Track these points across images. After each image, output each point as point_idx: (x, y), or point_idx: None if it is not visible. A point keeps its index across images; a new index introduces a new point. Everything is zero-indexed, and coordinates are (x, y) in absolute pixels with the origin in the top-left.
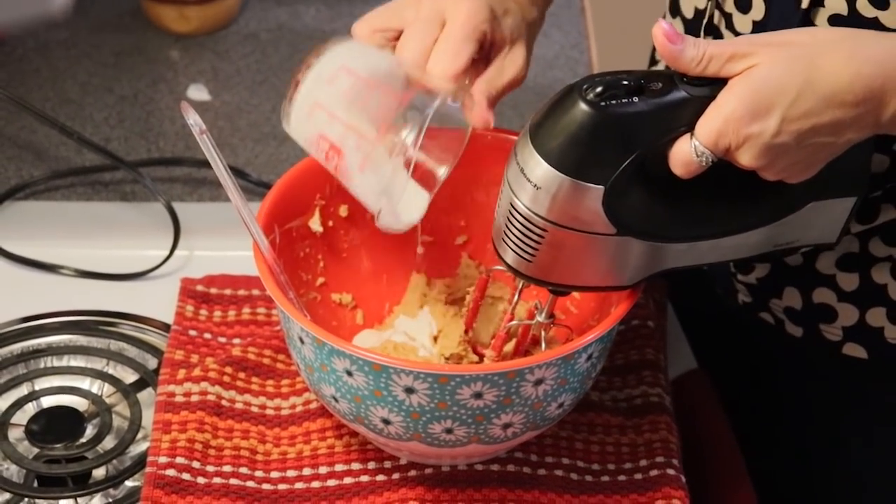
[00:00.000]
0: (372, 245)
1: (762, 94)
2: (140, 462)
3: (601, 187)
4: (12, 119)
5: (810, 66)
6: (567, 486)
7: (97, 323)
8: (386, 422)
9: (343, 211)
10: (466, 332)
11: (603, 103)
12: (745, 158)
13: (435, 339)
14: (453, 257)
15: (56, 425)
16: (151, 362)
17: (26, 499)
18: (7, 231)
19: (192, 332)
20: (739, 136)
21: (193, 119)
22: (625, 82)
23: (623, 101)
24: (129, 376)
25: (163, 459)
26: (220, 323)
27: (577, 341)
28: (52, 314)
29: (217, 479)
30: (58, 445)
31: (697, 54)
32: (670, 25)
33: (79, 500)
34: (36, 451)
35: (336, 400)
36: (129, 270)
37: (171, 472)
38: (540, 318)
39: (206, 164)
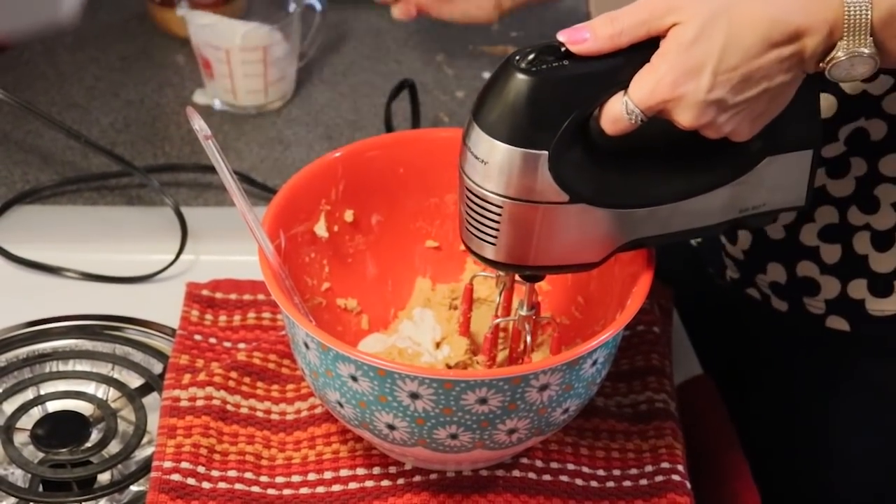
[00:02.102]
0: (377, 250)
1: (690, 53)
2: (145, 467)
3: (544, 152)
4: (19, 123)
5: (730, 20)
6: (572, 492)
7: (103, 327)
8: (391, 427)
9: (348, 216)
10: (464, 335)
11: (534, 69)
12: (684, 118)
13: (438, 344)
14: (458, 262)
15: (61, 430)
16: (157, 367)
17: (31, 503)
18: (14, 235)
19: (198, 337)
20: (674, 95)
21: (199, 124)
22: (556, 47)
23: (554, 65)
24: (135, 381)
25: (168, 464)
26: (225, 327)
27: (582, 346)
28: (58, 318)
29: (222, 484)
30: (63, 450)
31: (614, 31)
32: (568, 30)
33: None
34: (41, 455)
35: (341, 405)
36: (134, 274)
37: (175, 477)
38: (522, 311)
39: (211, 168)
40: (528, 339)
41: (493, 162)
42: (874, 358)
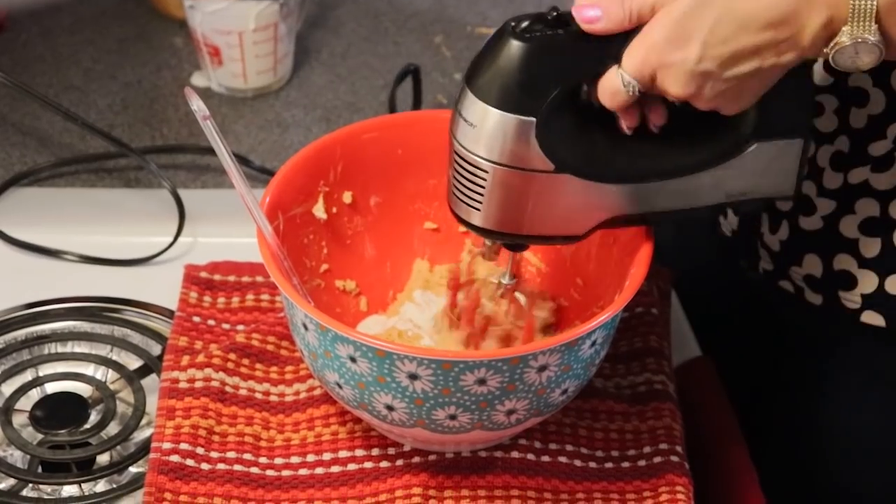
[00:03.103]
0: (375, 232)
1: (682, 23)
2: (144, 448)
3: (533, 119)
4: (16, 106)
5: None
6: (571, 472)
7: (101, 309)
8: (390, 408)
9: (347, 198)
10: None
11: (528, 35)
12: (673, 87)
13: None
14: (456, 244)
15: (60, 411)
16: (155, 349)
17: (30, 484)
18: (11, 217)
19: (196, 319)
20: (663, 63)
21: (197, 104)
22: (550, 16)
23: (548, 33)
24: (133, 362)
25: (167, 445)
26: (223, 309)
27: (580, 327)
28: (57, 300)
29: (221, 466)
30: (62, 431)
31: (625, 14)
32: (581, 7)
33: (83, 485)
34: (40, 436)
35: (340, 386)
36: (133, 256)
37: (174, 458)
38: (504, 280)
39: (210, 150)
40: (508, 305)
41: (483, 126)
42: None
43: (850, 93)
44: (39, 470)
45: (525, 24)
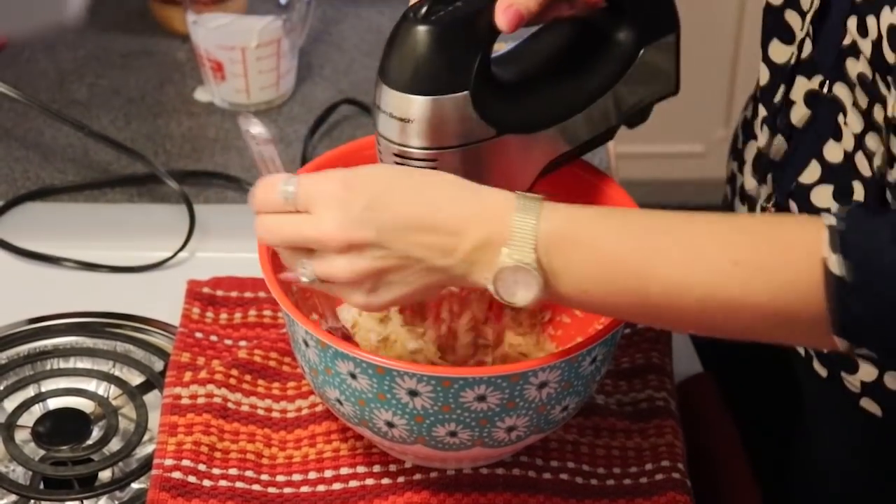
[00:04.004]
0: None
1: None
2: (146, 464)
3: (466, 93)
4: (20, 121)
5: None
6: (572, 490)
7: (103, 325)
8: (390, 425)
9: None
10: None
11: (433, 17)
12: None
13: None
14: None
15: (62, 427)
16: (158, 364)
17: (32, 500)
18: (17, 229)
19: (199, 335)
20: None
21: (257, 129)
22: None
23: (449, 9)
24: (136, 378)
25: (169, 462)
26: (226, 325)
27: (581, 344)
28: (59, 315)
29: (223, 482)
30: (64, 447)
31: None
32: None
33: (85, 502)
34: (42, 452)
35: (340, 403)
36: (137, 270)
37: (176, 475)
38: None
39: (214, 168)
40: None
41: (419, 118)
42: None
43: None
44: (41, 486)
45: (424, 8)
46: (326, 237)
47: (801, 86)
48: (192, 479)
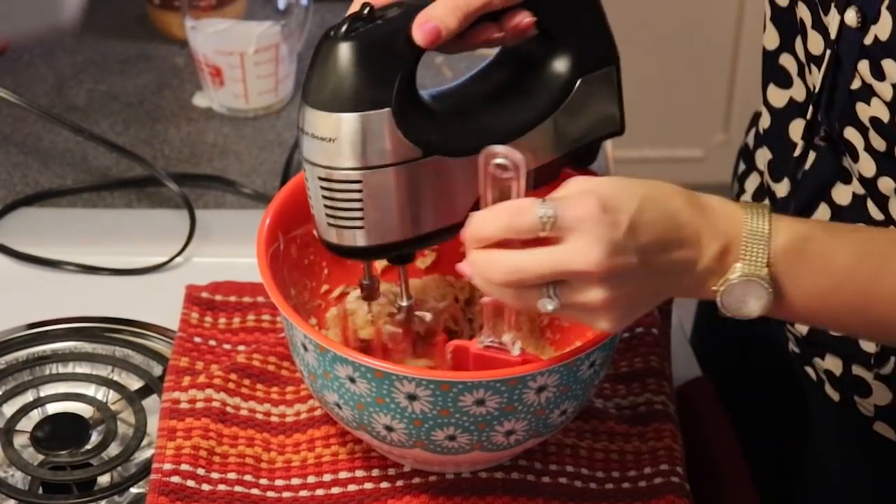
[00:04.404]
0: None
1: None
2: (145, 469)
3: (387, 109)
4: (18, 126)
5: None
6: (571, 493)
7: (102, 330)
8: (389, 429)
9: None
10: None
11: (353, 33)
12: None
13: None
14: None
15: (61, 432)
16: (156, 369)
17: None
18: (15, 235)
19: (197, 339)
20: None
21: (507, 159)
22: (364, 12)
23: (369, 26)
24: (135, 383)
25: (167, 466)
26: (225, 330)
27: (579, 348)
28: (58, 321)
29: (221, 487)
30: (63, 452)
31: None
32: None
33: None
34: (41, 457)
35: (339, 407)
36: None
37: (175, 479)
38: (402, 303)
39: (213, 172)
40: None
41: (341, 136)
42: None
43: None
44: (40, 491)
45: (344, 26)
46: (591, 267)
47: (798, 128)
48: (190, 483)
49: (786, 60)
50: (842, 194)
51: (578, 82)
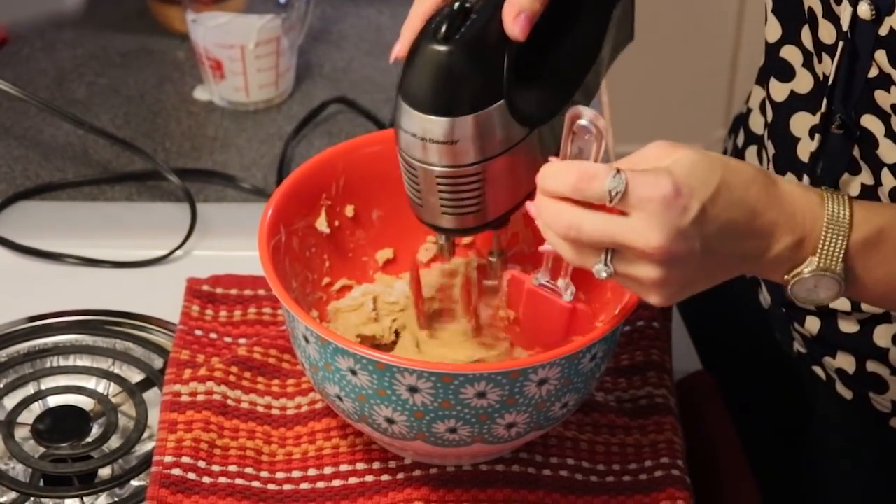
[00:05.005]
0: (378, 245)
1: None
2: (146, 461)
3: (501, 101)
4: (19, 119)
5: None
6: (572, 486)
7: (103, 323)
8: (390, 421)
9: (349, 211)
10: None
11: (457, 37)
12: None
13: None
14: (459, 256)
15: (62, 425)
16: (157, 362)
17: (32, 498)
18: (16, 227)
19: (198, 332)
20: None
21: (595, 122)
22: (456, 11)
23: (468, 23)
24: (135, 376)
25: (168, 459)
26: (225, 323)
27: (580, 341)
28: (59, 314)
29: (222, 479)
30: (64, 445)
31: None
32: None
33: (84, 499)
34: (42, 450)
35: (340, 399)
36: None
37: (176, 472)
38: (493, 258)
39: (214, 166)
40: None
41: (464, 136)
42: None
43: None
44: (41, 483)
45: (444, 29)
46: (650, 248)
47: (803, 120)
48: (191, 475)
49: (787, 52)
50: (851, 185)
51: (615, 9)
